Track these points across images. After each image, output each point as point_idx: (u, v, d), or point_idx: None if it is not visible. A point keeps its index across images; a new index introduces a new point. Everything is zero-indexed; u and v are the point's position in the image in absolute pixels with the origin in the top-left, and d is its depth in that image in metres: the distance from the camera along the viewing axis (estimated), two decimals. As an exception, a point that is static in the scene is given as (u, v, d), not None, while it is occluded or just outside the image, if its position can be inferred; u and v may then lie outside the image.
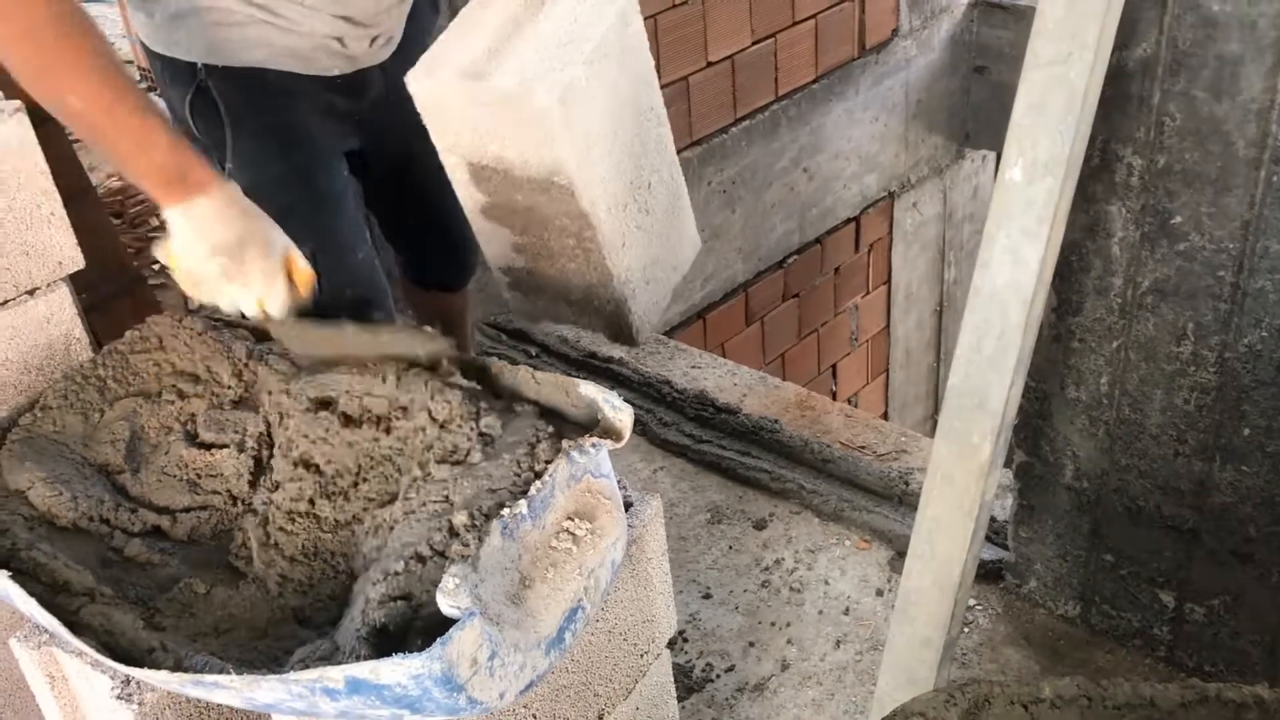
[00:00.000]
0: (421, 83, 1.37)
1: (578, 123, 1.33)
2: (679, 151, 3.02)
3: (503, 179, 1.42)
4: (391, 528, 1.12)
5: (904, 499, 2.06)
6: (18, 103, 1.37)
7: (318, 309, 1.46)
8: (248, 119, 1.53)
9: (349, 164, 1.66)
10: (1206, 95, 1.35)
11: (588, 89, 1.32)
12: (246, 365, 1.33)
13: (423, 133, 1.44)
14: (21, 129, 1.35)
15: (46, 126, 1.86)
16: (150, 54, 1.56)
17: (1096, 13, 1.14)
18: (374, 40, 1.57)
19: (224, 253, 1.21)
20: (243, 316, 1.28)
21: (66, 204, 1.43)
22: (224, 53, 1.49)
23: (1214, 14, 1.30)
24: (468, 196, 1.48)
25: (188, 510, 1.23)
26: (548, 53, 1.32)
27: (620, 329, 1.54)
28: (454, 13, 1.41)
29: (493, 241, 1.52)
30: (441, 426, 1.17)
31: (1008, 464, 1.70)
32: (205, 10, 1.46)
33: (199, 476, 1.24)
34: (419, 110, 1.41)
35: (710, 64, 3.05)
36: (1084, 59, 1.14)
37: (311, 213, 1.58)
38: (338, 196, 1.60)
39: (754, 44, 3.13)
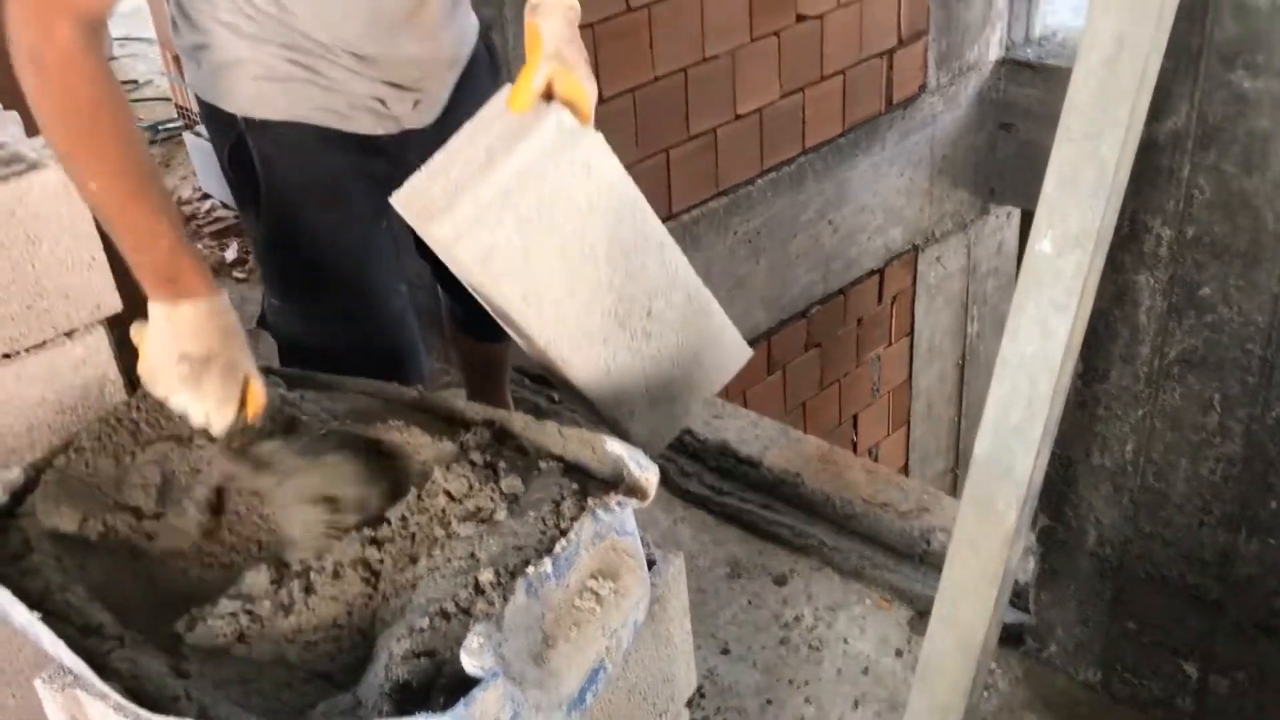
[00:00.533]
0: (396, 203, 1.39)
1: (514, 275, 1.37)
2: (705, 202, 3.07)
3: (486, 300, 1.44)
4: (414, 585, 1.13)
5: (925, 558, 2.05)
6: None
7: (343, 361, 1.48)
8: (283, 173, 1.55)
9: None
10: (1236, 170, 1.36)
11: (524, 244, 1.36)
12: (280, 410, 1.34)
13: None
14: (66, 175, 1.37)
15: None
16: (198, 100, 1.59)
17: (1129, 90, 1.15)
18: (417, 103, 1.59)
19: (189, 362, 1.23)
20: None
21: (103, 243, 1.46)
22: (265, 106, 1.52)
23: (1245, 90, 1.31)
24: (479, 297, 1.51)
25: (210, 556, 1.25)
26: (492, 203, 1.34)
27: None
28: (512, 77, 1.43)
29: (514, 338, 1.56)
30: (460, 502, 1.18)
31: (1030, 528, 1.70)
32: (249, 63, 1.49)
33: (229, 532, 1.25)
34: None
35: (739, 116, 3.08)
36: (1115, 135, 1.15)
37: (340, 267, 1.60)
38: (370, 252, 1.62)
39: (782, 97, 3.16)
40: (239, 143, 1.55)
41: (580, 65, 1.39)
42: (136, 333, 1.29)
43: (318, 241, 1.58)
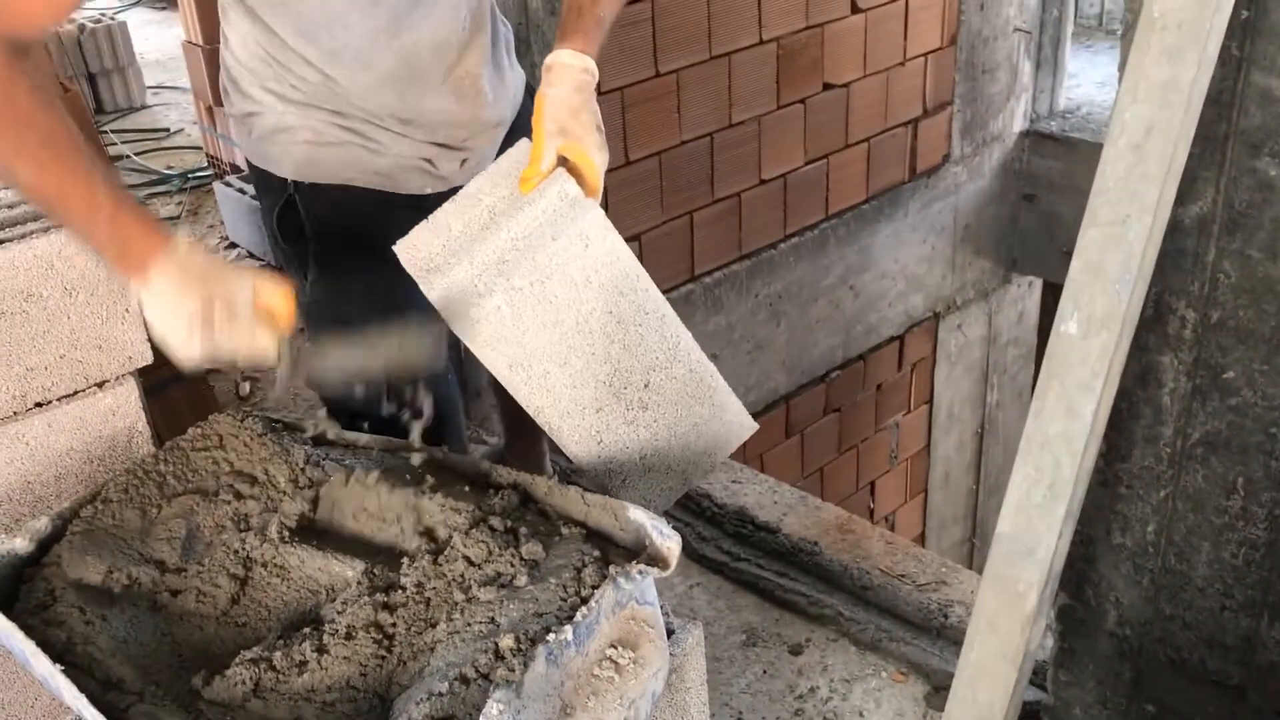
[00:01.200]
0: (399, 252, 1.41)
1: (503, 343, 1.38)
2: (728, 265, 3.09)
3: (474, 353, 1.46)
4: (432, 649, 1.13)
5: (943, 632, 2.04)
6: (104, 203, 1.42)
7: (386, 420, 1.49)
8: (332, 235, 1.58)
9: None
10: (1262, 255, 1.36)
11: (514, 313, 1.36)
12: (303, 470, 1.35)
13: None
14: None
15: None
16: (250, 166, 1.63)
17: (1156, 176, 1.16)
18: (464, 161, 1.62)
19: (193, 323, 1.18)
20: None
21: (129, 290, 1.48)
22: (314, 170, 1.55)
23: (1271, 178, 1.32)
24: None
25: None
26: (485, 270, 1.34)
27: None
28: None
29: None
30: (480, 567, 1.18)
31: (1050, 606, 1.68)
32: (297, 129, 1.52)
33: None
34: None
35: (763, 181, 3.11)
36: (1143, 221, 1.16)
37: (384, 329, 1.61)
38: (417, 311, 1.64)
39: (807, 164, 3.20)
40: (289, 206, 1.58)
41: (589, 135, 1.38)
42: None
43: (365, 300, 1.59)
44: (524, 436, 2.21)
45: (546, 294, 1.38)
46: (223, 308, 1.18)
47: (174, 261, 1.18)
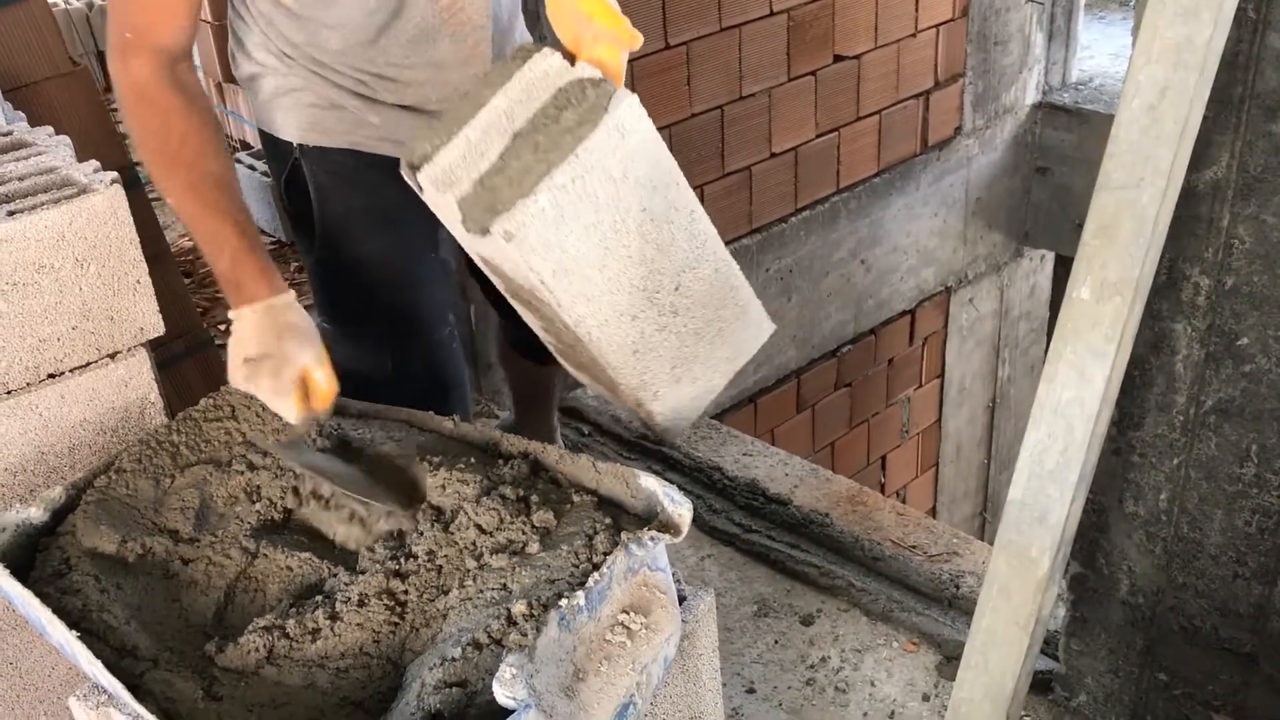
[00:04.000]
0: (404, 168, 1.33)
1: (546, 249, 1.29)
2: (739, 238, 3.08)
3: (502, 277, 1.39)
4: (445, 615, 1.13)
5: (954, 602, 2.04)
6: (114, 174, 1.43)
7: (390, 388, 1.49)
8: (336, 200, 1.58)
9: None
10: (1277, 220, 1.35)
11: (558, 214, 1.28)
12: (315, 441, 1.35)
13: None
14: (116, 200, 1.40)
15: (133, 191, 1.93)
16: (259, 131, 1.63)
17: (1171, 138, 1.15)
18: None
19: (248, 363, 1.32)
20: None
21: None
22: (319, 133, 1.55)
23: (1286, 142, 1.31)
24: (490, 277, 1.45)
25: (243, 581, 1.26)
26: (520, 175, 1.27)
27: (646, 426, 1.53)
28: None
29: (526, 319, 1.50)
30: (491, 535, 1.19)
31: (1062, 574, 1.68)
32: (302, 90, 1.52)
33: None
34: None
35: (774, 154, 3.10)
36: (1156, 184, 1.15)
37: (391, 295, 1.62)
38: (420, 279, 1.65)
39: (818, 137, 3.18)
40: (294, 170, 1.58)
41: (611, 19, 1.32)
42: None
43: (368, 268, 1.60)
44: (535, 410, 2.22)
45: (588, 190, 1.29)
46: (271, 368, 1.31)
47: (267, 307, 1.34)
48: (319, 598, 1.19)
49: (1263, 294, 1.40)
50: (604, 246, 1.33)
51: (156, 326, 1.48)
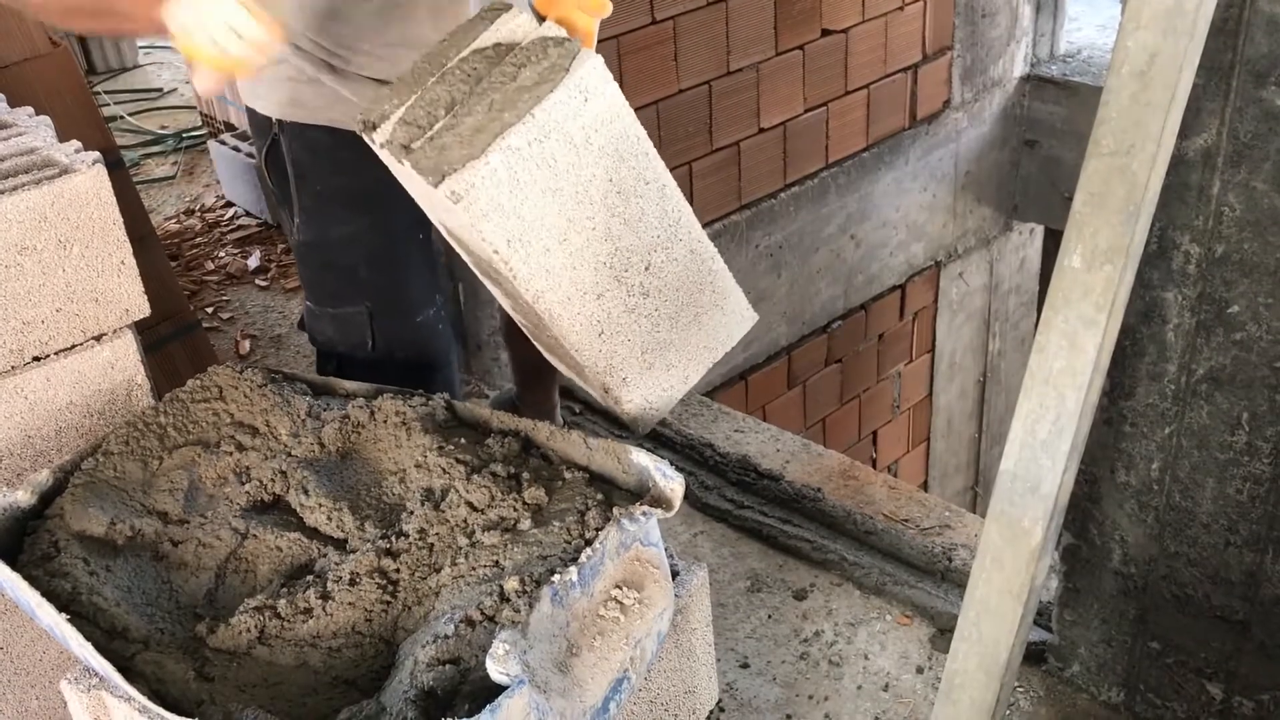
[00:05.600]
0: (360, 128, 1.28)
1: (499, 214, 1.22)
2: (728, 214, 3.07)
3: (466, 251, 1.35)
4: (437, 593, 1.13)
5: (946, 575, 2.04)
6: (96, 154, 1.41)
7: (373, 368, 1.47)
8: (315, 179, 1.56)
9: None
10: (1267, 188, 1.35)
11: (510, 178, 1.22)
12: (304, 421, 1.34)
13: None
14: (99, 180, 1.39)
15: (117, 173, 1.91)
16: (245, 107, 1.61)
17: (1161, 104, 1.14)
18: None
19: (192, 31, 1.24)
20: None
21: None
22: (299, 108, 1.53)
23: (1276, 108, 1.30)
24: (459, 252, 1.40)
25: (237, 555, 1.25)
26: (471, 134, 1.21)
27: (615, 414, 1.46)
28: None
29: (496, 296, 1.46)
30: (483, 512, 1.18)
31: (1055, 546, 1.68)
32: (281, 65, 1.49)
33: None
34: None
35: (762, 130, 3.08)
36: (1147, 150, 1.14)
37: (371, 274, 1.61)
38: (402, 259, 1.63)
39: (806, 112, 3.16)
40: (274, 145, 1.57)
41: None
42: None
43: (348, 248, 1.59)
44: (537, 387, 2.20)
45: (545, 155, 1.23)
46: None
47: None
48: (310, 577, 1.18)
49: (1253, 261, 1.39)
50: (565, 217, 1.27)
51: (142, 308, 1.47)
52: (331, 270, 1.62)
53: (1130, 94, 1.15)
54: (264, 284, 3.39)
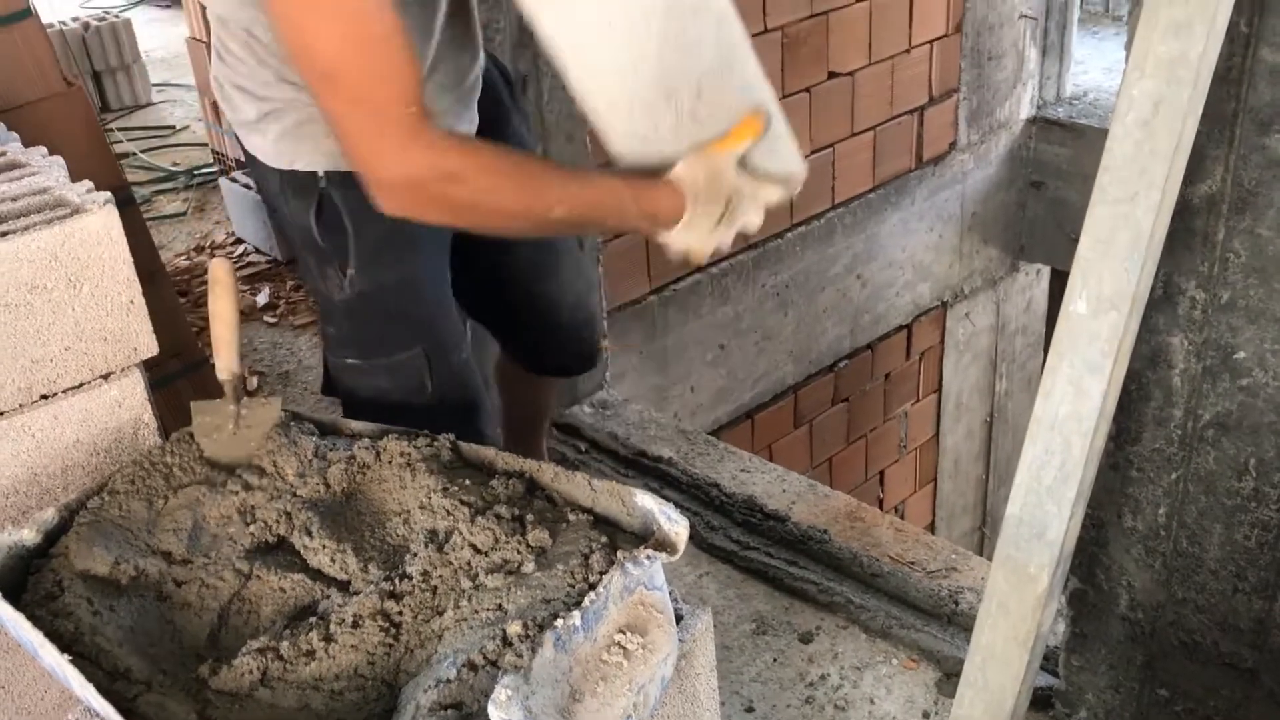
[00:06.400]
0: None
1: (554, 6, 1.24)
2: (735, 255, 3.08)
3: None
4: (440, 636, 1.12)
5: (953, 619, 2.03)
6: (107, 194, 1.42)
7: (427, 413, 1.49)
8: (368, 225, 1.52)
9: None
10: (1272, 234, 1.35)
11: None
12: (311, 462, 1.35)
13: None
14: (109, 220, 1.40)
15: (128, 210, 1.93)
16: (269, 172, 1.55)
17: (1165, 152, 1.15)
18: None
19: (720, 218, 1.40)
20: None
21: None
22: (342, 158, 1.52)
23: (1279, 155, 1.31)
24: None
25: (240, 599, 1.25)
26: None
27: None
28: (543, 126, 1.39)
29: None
30: (486, 554, 1.18)
31: (1061, 591, 1.68)
32: (318, 123, 1.48)
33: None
34: None
35: (769, 171, 3.10)
36: (1151, 198, 1.15)
37: (421, 318, 1.62)
38: (443, 301, 1.64)
39: (813, 153, 3.18)
40: (323, 201, 1.52)
41: None
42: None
43: (402, 291, 1.58)
44: (527, 432, 2.20)
45: None
46: (736, 194, 1.39)
47: (687, 194, 1.36)
48: (313, 619, 1.18)
49: (1259, 308, 1.40)
50: (614, 29, 1.27)
51: (150, 347, 1.48)
52: (386, 318, 1.60)
53: (1135, 141, 1.16)
54: (272, 320, 3.41)
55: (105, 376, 1.44)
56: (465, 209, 1.28)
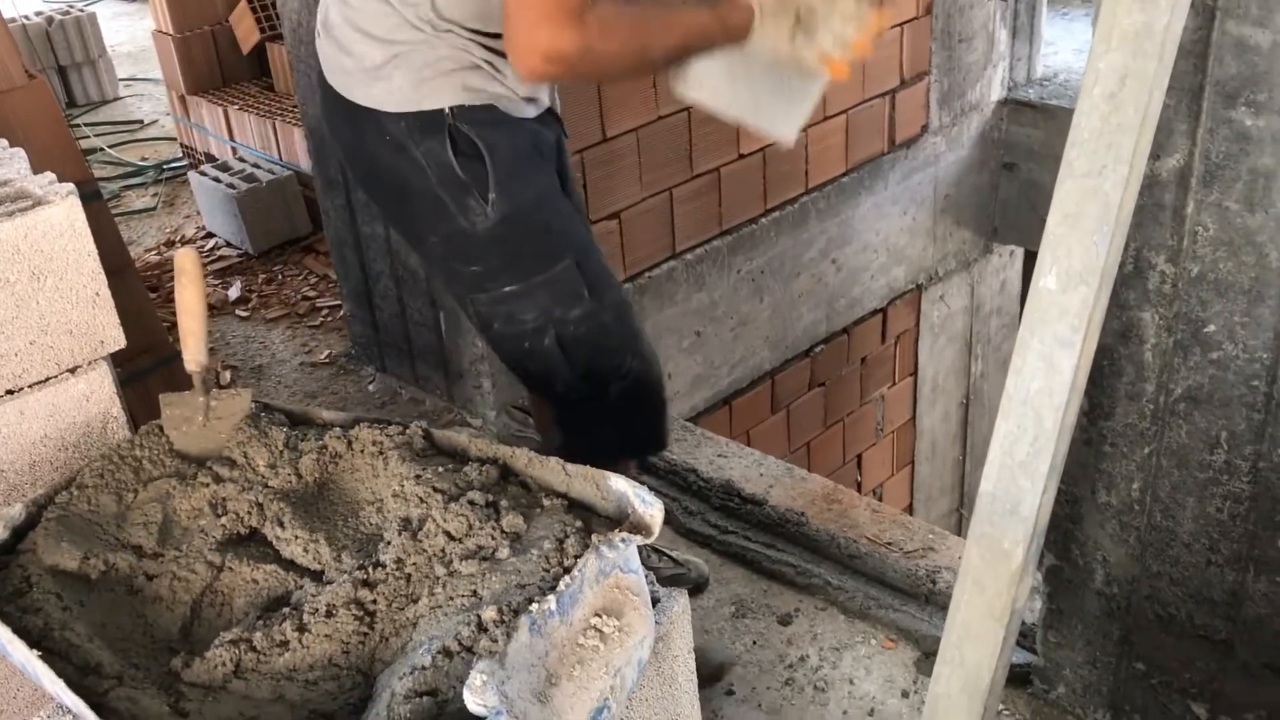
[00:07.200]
0: None
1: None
2: (709, 240, 3.07)
3: None
4: (415, 624, 1.12)
5: (931, 598, 2.04)
6: (70, 186, 1.41)
7: (587, 318, 1.65)
8: (500, 148, 1.59)
9: None
10: (1239, 207, 1.36)
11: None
12: (282, 453, 1.33)
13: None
14: (73, 212, 1.38)
15: (94, 205, 1.91)
16: (390, 119, 1.59)
17: (1131, 127, 1.15)
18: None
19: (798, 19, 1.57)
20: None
21: (108, 280, 1.46)
22: (471, 93, 1.57)
23: (1247, 129, 1.31)
24: None
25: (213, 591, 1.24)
26: None
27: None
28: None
29: None
30: (460, 541, 1.17)
31: (1037, 567, 1.68)
32: (445, 58, 1.54)
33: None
34: None
35: (742, 156, 3.09)
36: (1119, 172, 1.15)
37: (563, 229, 1.66)
38: (571, 210, 1.70)
39: (785, 137, 3.17)
40: (454, 134, 1.57)
41: None
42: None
43: (539, 208, 1.63)
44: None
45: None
46: (805, 10, 1.57)
47: (760, 6, 1.55)
48: (286, 609, 1.17)
49: (1228, 280, 1.40)
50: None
51: (117, 340, 1.46)
52: (533, 235, 1.64)
53: (1101, 115, 1.16)
54: (244, 314, 3.38)
55: (72, 370, 1.43)
56: (592, 74, 1.52)
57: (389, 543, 1.20)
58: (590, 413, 1.75)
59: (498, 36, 1.52)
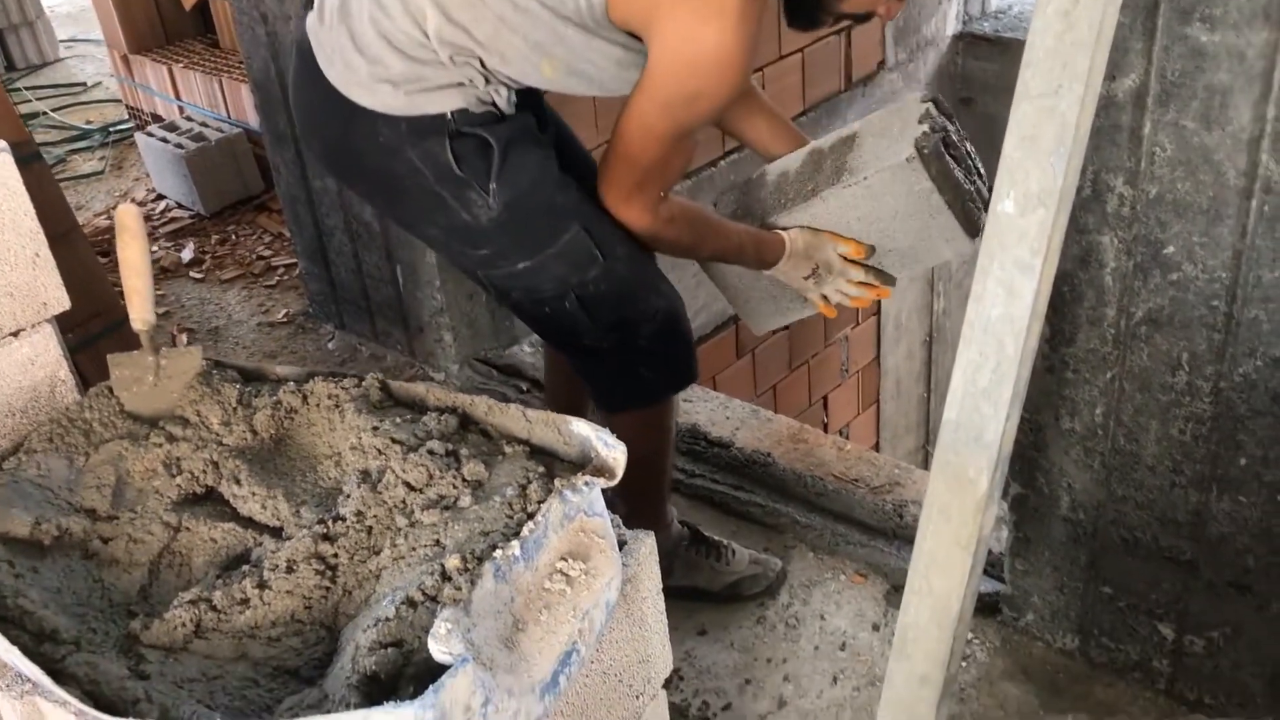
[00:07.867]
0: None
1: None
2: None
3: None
4: (378, 576, 1.10)
5: (898, 532, 2.04)
6: (2, 143, 1.36)
7: (606, 276, 1.69)
8: (501, 139, 1.62)
9: None
10: (1196, 125, 1.35)
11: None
12: (235, 410, 1.31)
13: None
14: (6, 171, 1.33)
15: (34, 166, 1.86)
16: (385, 121, 1.60)
17: (1086, 43, 1.13)
18: None
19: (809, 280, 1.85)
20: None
21: (53, 244, 1.42)
22: (472, 101, 1.60)
23: (1202, 44, 1.30)
24: None
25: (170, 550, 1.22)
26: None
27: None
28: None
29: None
30: (421, 491, 1.15)
31: (1002, 495, 1.69)
32: (459, 79, 1.58)
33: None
34: None
35: (726, 154, 3.06)
36: (1074, 91, 1.14)
37: (566, 200, 1.67)
38: (573, 181, 1.70)
39: (741, 77, 3.14)
40: (453, 134, 1.60)
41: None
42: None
43: (539, 185, 1.65)
44: (572, 395, 2.15)
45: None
46: (824, 266, 1.84)
47: (788, 246, 1.82)
48: (246, 567, 1.15)
49: (1186, 201, 1.40)
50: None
51: (61, 301, 1.42)
52: (537, 214, 1.66)
53: (1055, 34, 1.14)
54: (199, 276, 3.33)
55: (15, 334, 1.39)
56: (660, 246, 1.75)
57: (348, 496, 1.18)
58: (627, 357, 1.77)
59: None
